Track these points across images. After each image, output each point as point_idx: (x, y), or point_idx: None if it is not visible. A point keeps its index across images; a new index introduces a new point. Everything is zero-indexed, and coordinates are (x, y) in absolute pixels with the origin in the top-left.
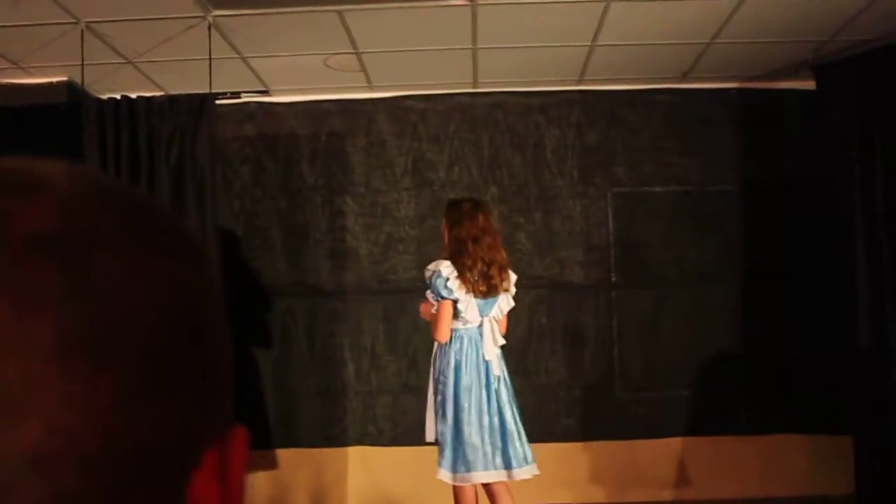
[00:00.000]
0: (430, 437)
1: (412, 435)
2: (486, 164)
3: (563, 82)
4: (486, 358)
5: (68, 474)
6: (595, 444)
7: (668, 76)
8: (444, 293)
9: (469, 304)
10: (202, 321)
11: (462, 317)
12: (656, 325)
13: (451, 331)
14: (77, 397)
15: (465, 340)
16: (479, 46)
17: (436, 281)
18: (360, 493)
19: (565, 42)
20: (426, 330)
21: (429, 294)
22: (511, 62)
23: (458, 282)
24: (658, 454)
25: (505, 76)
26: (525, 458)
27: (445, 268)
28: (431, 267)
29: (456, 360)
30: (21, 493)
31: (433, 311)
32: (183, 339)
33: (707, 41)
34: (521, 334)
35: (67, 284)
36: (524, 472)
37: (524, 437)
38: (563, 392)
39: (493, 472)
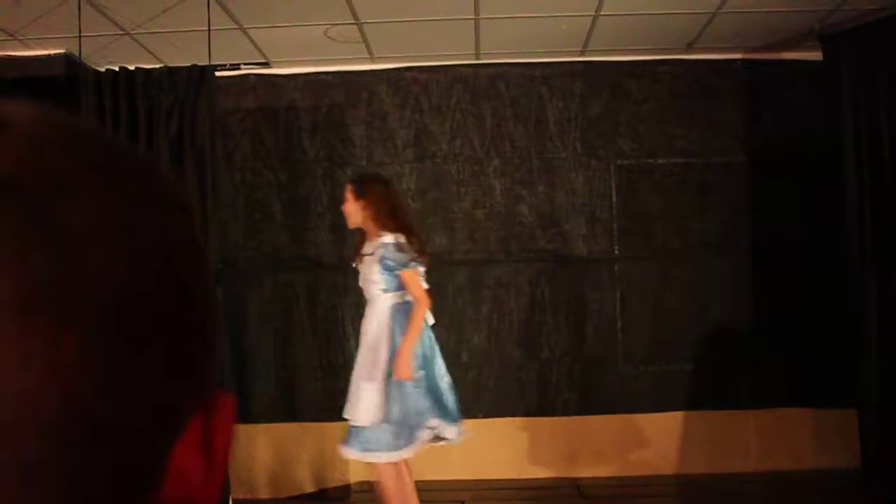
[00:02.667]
0: (375, 417)
1: None
2: (488, 136)
3: (566, 53)
4: (430, 322)
5: (30, 443)
6: (597, 417)
7: (673, 47)
8: (412, 263)
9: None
10: (181, 276)
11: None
12: (659, 298)
13: (407, 302)
14: (37, 358)
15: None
16: (482, 17)
17: (396, 253)
18: (361, 466)
19: (568, 12)
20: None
21: (379, 269)
22: (513, 33)
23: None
24: (660, 428)
25: (507, 47)
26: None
27: (400, 238)
28: (387, 241)
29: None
30: None
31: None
32: (159, 294)
33: (712, 11)
34: (523, 307)
35: (28, 232)
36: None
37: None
38: (565, 366)
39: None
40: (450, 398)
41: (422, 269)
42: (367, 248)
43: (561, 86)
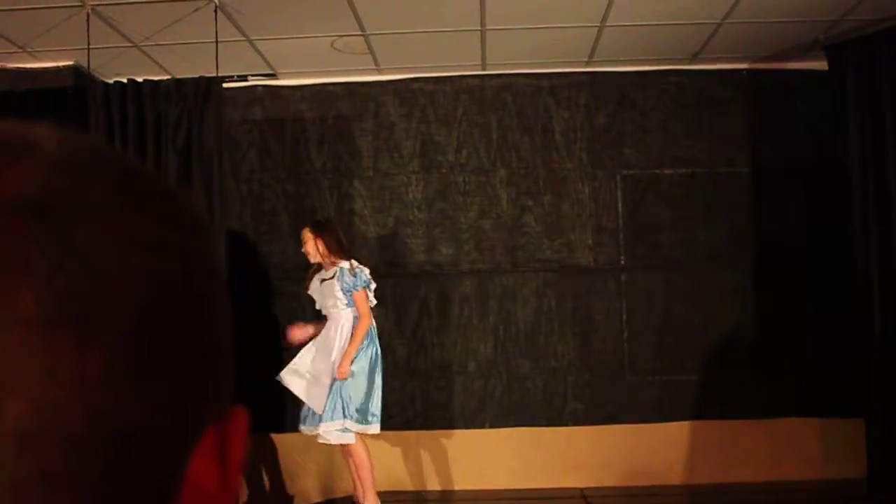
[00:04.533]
0: (318, 407)
1: (422, 418)
2: (494, 147)
3: (571, 64)
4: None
5: (54, 454)
6: (604, 427)
7: (678, 57)
8: (367, 284)
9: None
10: (200, 294)
11: (371, 299)
12: (666, 309)
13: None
14: (62, 373)
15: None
16: (488, 28)
17: (357, 276)
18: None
19: (574, 23)
20: (435, 314)
21: (338, 289)
22: (520, 44)
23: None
24: (667, 438)
25: (513, 58)
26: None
27: (356, 264)
28: (344, 266)
29: (374, 337)
30: (5, 473)
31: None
32: (178, 312)
33: (717, 21)
34: (529, 317)
35: (53, 252)
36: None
37: None
38: (571, 375)
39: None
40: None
41: (372, 286)
42: (325, 274)
43: (567, 96)
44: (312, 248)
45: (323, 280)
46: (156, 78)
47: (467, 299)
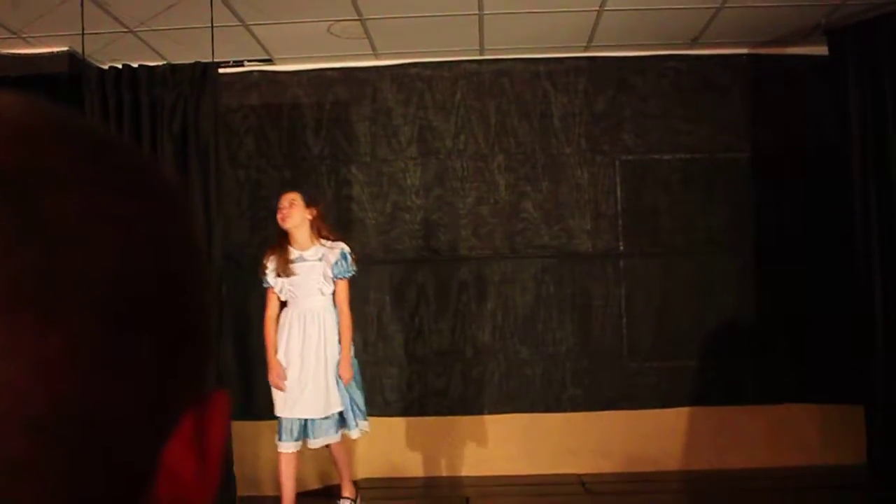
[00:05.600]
0: (340, 406)
1: (420, 404)
2: (492, 132)
3: (570, 49)
4: None
5: (15, 438)
6: (602, 413)
7: (678, 42)
8: (353, 271)
9: None
10: (174, 272)
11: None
12: (665, 294)
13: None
14: (22, 351)
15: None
16: (486, 12)
17: (349, 260)
18: (368, 463)
19: (573, 7)
20: (433, 300)
21: (328, 273)
22: (518, 28)
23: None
24: (666, 424)
25: (512, 43)
26: None
27: (347, 248)
28: (345, 249)
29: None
30: None
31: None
32: (150, 290)
33: (717, 6)
34: (528, 303)
35: (12, 226)
36: None
37: None
38: (570, 361)
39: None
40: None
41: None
42: (305, 254)
43: (565, 81)
44: (299, 215)
45: (299, 260)
46: (151, 63)
47: (465, 285)
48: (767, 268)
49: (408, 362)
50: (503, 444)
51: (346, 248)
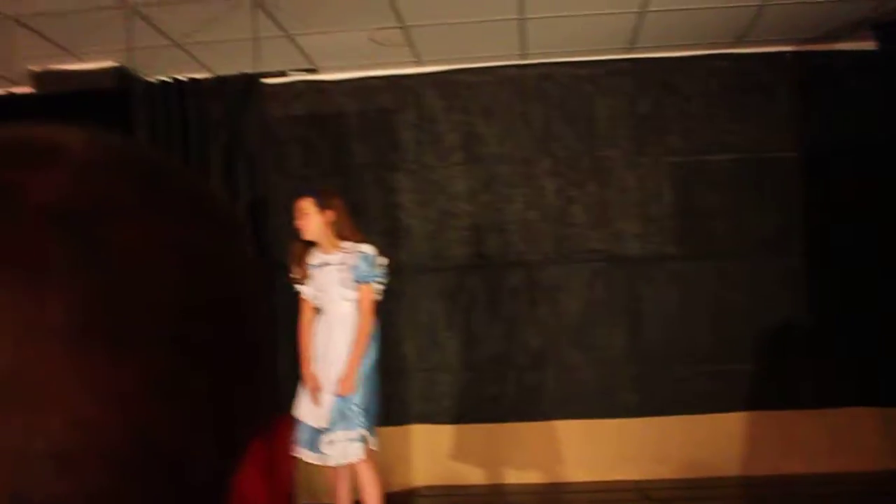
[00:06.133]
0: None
1: (474, 411)
2: (537, 137)
3: (613, 51)
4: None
5: (95, 472)
6: (656, 419)
7: (722, 41)
8: (377, 277)
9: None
10: (236, 297)
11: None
12: (717, 297)
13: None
14: (97, 386)
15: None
16: (527, 17)
17: (373, 265)
18: (423, 471)
19: (615, 9)
20: (484, 306)
21: (350, 278)
22: (560, 32)
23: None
24: (723, 429)
25: (554, 46)
26: None
27: (374, 250)
28: (367, 251)
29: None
30: (47, 493)
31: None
32: (214, 316)
33: (761, 3)
34: (578, 309)
35: (80, 259)
36: None
37: None
38: (622, 367)
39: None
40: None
41: (384, 280)
42: (329, 259)
43: (609, 84)
44: (315, 224)
45: (323, 265)
46: (198, 76)
47: (516, 291)
48: (820, 268)
49: (461, 369)
50: (558, 450)
51: (368, 250)
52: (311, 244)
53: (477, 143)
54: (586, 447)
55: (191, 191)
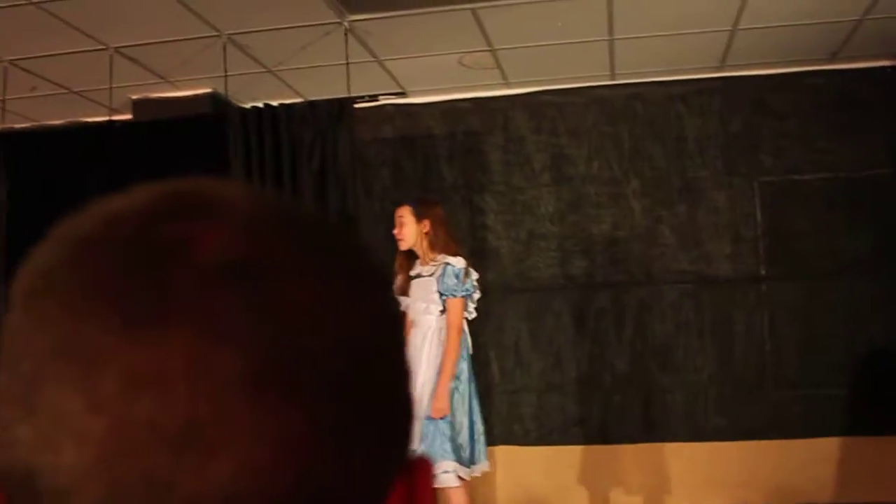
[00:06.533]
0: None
1: (559, 434)
2: (626, 157)
3: (703, 69)
4: (471, 352)
5: None
6: (747, 443)
7: (816, 57)
8: (471, 293)
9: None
10: (387, 347)
11: (471, 311)
12: (809, 320)
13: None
14: (268, 431)
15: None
16: (616, 37)
17: (460, 278)
18: (506, 492)
19: (705, 28)
20: (569, 326)
21: (436, 291)
22: (649, 51)
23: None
24: (815, 455)
25: (643, 66)
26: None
27: (463, 263)
28: (455, 263)
29: (468, 355)
30: None
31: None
32: (372, 366)
33: (858, 17)
34: (667, 330)
35: (254, 312)
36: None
37: None
38: (712, 389)
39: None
40: (465, 438)
41: (476, 295)
42: (423, 270)
43: (699, 103)
44: (412, 233)
45: (417, 277)
46: (289, 101)
47: (603, 312)
48: None
49: (546, 390)
50: (644, 474)
51: (457, 263)
52: (413, 256)
53: (565, 163)
54: (674, 471)
55: (350, 249)
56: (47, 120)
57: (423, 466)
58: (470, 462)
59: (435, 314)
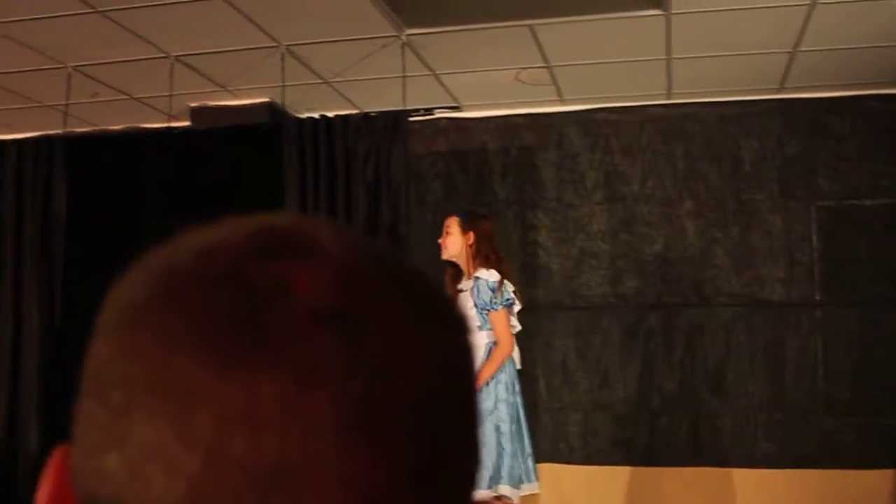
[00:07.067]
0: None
1: (604, 453)
2: (680, 178)
3: (761, 91)
4: (518, 367)
5: None
6: (798, 472)
7: (877, 81)
8: (509, 303)
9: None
10: (466, 393)
11: (514, 323)
12: (865, 347)
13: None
14: (355, 480)
15: None
16: (674, 57)
17: (487, 291)
18: None
19: (764, 49)
20: (618, 346)
21: (469, 304)
22: (706, 71)
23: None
24: (867, 485)
25: (700, 86)
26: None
27: (494, 276)
28: (481, 276)
29: (513, 371)
30: None
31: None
32: (453, 415)
33: None
34: (718, 354)
35: (347, 359)
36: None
37: None
38: (762, 415)
39: (537, 482)
40: (506, 461)
41: (516, 307)
42: (464, 285)
43: (757, 125)
44: (455, 243)
45: (461, 291)
46: (345, 113)
47: (652, 333)
48: None
49: (593, 409)
50: (689, 498)
51: (489, 277)
52: (454, 272)
53: (618, 181)
54: (721, 496)
55: (434, 298)
56: (108, 125)
57: None
58: (519, 482)
59: (484, 329)
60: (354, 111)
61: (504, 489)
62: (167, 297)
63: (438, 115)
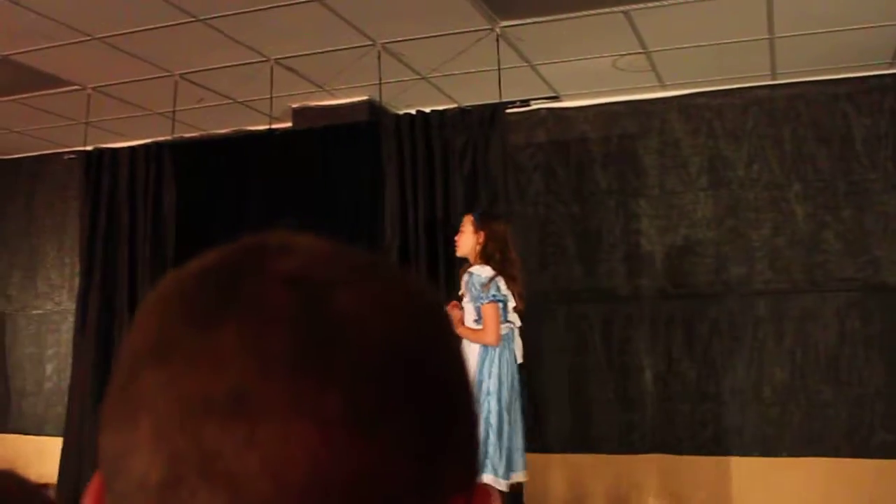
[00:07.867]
0: None
1: (712, 444)
2: (788, 160)
3: (872, 67)
4: (520, 361)
5: (295, 481)
6: None
7: None
8: (501, 299)
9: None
10: (431, 350)
11: (509, 319)
12: None
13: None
14: (304, 402)
15: (505, 343)
16: (777, 35)
17: (477, 285)
18: (658, 501)
19: (874, 22)
20: (727, 336)
21: (466, 299)
22: (812, 49)
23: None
24: None
25: (806, 65)
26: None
27: (487, 272)
28: (474, 270)
29: (508, 366)
30: (250, 492)
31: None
32: (414, 363)
33: None
34: (830, 340)
35: (304, 307)
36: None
37: None
38: (879, 404)
39: (523, 471)
40: (490, 451)
41: (511, 304)
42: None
43: (868, 102)
44: (467, 242)
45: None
46: (442, 108)
47: (761, 321)
48: None
49: (700, 399)
50: (804, 489)
51: (480, 272)
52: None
53: (723, 167)
54: (836, 487)
55: (392, 273)
56: (213, 129)
57: (484, 494)
58: (506, 473)
59: (471, 325)
60: (452, 105)
61: (488, 478)
62: (171, 287)
63: (537, 105)
